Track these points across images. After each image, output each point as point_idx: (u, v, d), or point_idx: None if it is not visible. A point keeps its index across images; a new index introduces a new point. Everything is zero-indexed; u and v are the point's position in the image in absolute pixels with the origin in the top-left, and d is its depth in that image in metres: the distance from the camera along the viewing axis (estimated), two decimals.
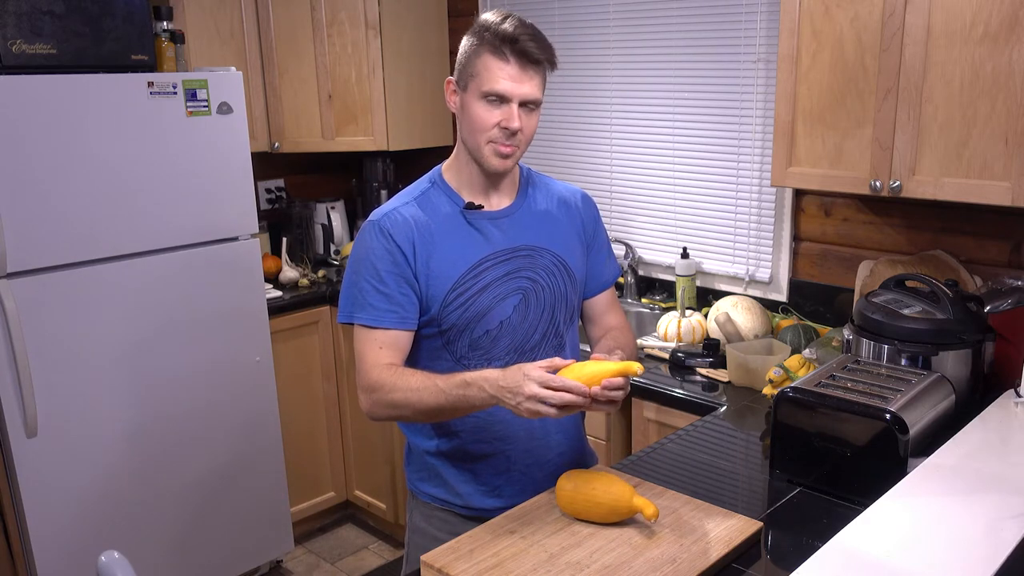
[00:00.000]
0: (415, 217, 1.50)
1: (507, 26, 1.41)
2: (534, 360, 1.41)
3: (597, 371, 1.30)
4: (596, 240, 1.68)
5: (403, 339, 1.49)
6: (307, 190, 3.64)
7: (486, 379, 1.34)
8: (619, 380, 1.31)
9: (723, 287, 2.68)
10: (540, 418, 1.31)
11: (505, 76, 1.41)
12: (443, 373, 1.43)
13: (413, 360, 1.54)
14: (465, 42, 1.48)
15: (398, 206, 1.52)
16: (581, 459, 1.68)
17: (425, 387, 1.40)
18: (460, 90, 1.48)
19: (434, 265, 1.48)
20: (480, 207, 1.53)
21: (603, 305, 1.69)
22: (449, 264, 1.49)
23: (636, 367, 1.32)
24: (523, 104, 1.44)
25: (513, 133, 1.44)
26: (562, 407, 1.28)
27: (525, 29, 1.42)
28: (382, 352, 1.47)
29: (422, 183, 1.57)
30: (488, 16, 1.46)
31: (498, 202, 1.55)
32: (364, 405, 1.49)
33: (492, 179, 1.53)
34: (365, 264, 1.49)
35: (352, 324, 1.51)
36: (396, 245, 1.47)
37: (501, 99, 1.42)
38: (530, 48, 1.41)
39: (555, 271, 1.57)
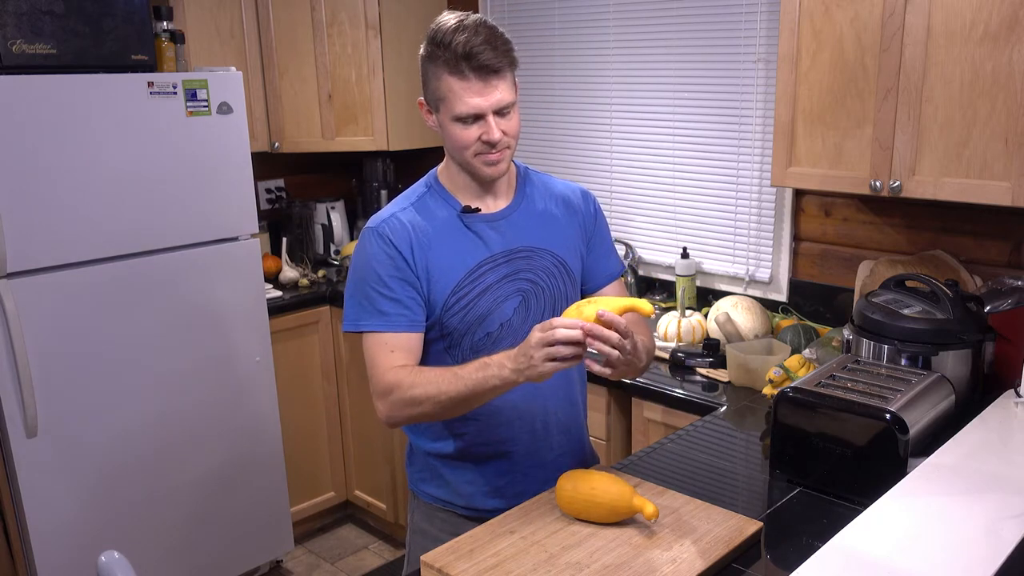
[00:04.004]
0: (413, 222, 1.49)
1: (459, 41, 1.36)
2: None
3: (603, 306, 1.31)
4: (597, 233, 1.66)
5: (414, 341, 1.49)
6: (307, 190, 3.64)
7: (504, 355, 1.35)
8: (614, 316, 1.29)
9: (723, 287, 2.68)
10: (565, 368, 1.31)
11: (471, 95, 1.39)
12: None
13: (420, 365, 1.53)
14: (422, 57, 1.43)
15: (395, 212, 1.51)
16: (582, 459, 1.68)
17: (443, 378, 1.39)
18: (433, 111, 1.46)
19: (433, 270, 1.48)
20: (477, 210, 1.52)
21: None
22: (448, 269, 1.49)
23: (646, 306, 1.32)
24: (497, 112, 1.42)
25: (495, 143, 1.43)
26: (568, 343, 1.27)
27: (478, 36, 1.37)
28: (394, 355, 1.46)
29: (418, 187, 1.56)
30: (440, 24, 1.40)
31: (495, 204, 1.55)
32: (382, 411, 1.47)
33: (487, 183, 1.52)
34: (367, 271, 1.48)
35: (359, 333, 1.49)
36: (396, 249, 1.47)
37: (475, 117, 1.41)
38: (487, 60, 1.37)
39: (555, 271, 1.57)
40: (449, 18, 1.40)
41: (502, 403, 1.53)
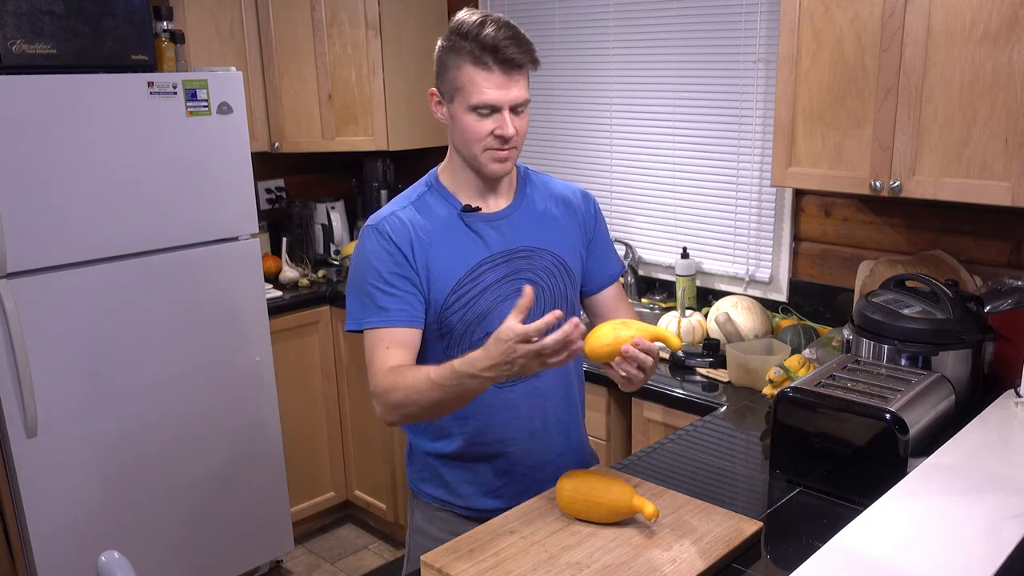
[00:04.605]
0: (413, 221, 1.49)
1: (487, 34, 1.38)
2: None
3: (638, 333, 1.32)
4: (597, 234, 1.66)
5: (411, 337, 1.48)
6: (307, 190, 3.64)
7: (472, 365, 1.29)
8: (651, 345, 1.31)
9: (723, 287, 2.68)
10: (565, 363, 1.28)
11: (492, 87, 1.39)
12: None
13: (419, 363, 1.53)
14: (442, 48, 1.44)
15: (395, 210, 1.51)
16: (582, 460, 1.68)
17: (420, 381, 1.37)
18: (446, 101, 1.46)
19: (433, 268, 1.48)
20: (477, 209, 1.52)
21: (612, 300, 1.67)
22: (448, 267, 1.49)
23: (675, 340, 1.35)
24: (512, 108, 1.42)
25: (508, 139, 1.43)
26: (561, 348, 1.23)
27: (504, 33, 1.39)
28: (389, 353, 1.45)
29: (419, 187, 1.56)
30: (463, 18, 1.42)
31: (495, 203, 1.55)
32: (377, 411, 1.47)
33: (489, 181, 1.52)
34: (367, 269, 1.48)
35: (361, 331, 1.49)
36: (396, 246, 1.47)
37: (491, 109, 1.41)
38: (513, 54, 1.39)
39: (555, 272, 1.57)
40: (472, 13, 1.43)
41: (502, 403, 1.54)
